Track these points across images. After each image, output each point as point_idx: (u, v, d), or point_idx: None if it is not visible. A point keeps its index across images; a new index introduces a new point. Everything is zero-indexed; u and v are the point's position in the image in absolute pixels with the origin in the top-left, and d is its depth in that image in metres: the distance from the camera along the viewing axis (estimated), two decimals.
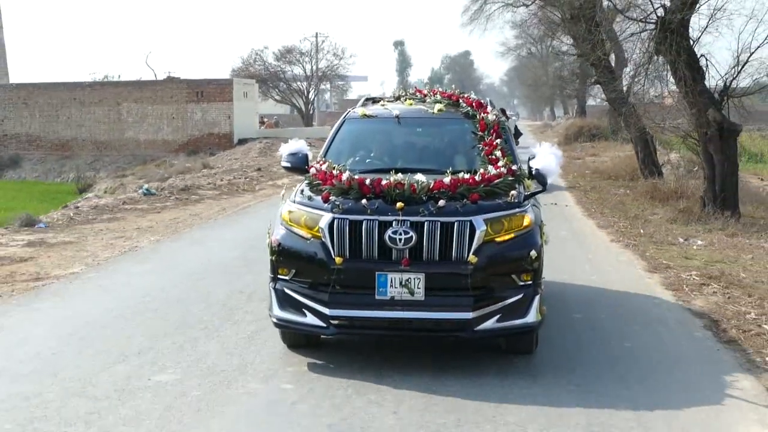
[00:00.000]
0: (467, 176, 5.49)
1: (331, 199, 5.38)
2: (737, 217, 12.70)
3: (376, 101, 7.43)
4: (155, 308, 7.23)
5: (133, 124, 37.14)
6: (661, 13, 13.06)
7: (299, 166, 6.13)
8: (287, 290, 5.38)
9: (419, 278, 5.09)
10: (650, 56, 13.75)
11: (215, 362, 5.61)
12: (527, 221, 5.37)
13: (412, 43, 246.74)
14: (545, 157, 5.84)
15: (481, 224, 5.17)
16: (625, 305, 7.41)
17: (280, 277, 5.44)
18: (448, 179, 5.39)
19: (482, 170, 5.62)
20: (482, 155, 6.02)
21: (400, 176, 5.43)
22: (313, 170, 5.88)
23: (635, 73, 15.76)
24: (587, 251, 10.43)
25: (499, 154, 5.92)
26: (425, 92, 7.28)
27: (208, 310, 7.08)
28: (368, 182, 5.38)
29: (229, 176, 22.01)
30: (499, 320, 5.17)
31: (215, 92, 36.12)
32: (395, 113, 6.69)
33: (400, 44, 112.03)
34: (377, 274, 5.11)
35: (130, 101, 37.21)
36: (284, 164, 6.28)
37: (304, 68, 50.48)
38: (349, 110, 7.17)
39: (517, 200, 5.47)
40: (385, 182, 5.36)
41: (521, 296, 5.22)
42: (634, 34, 15.61)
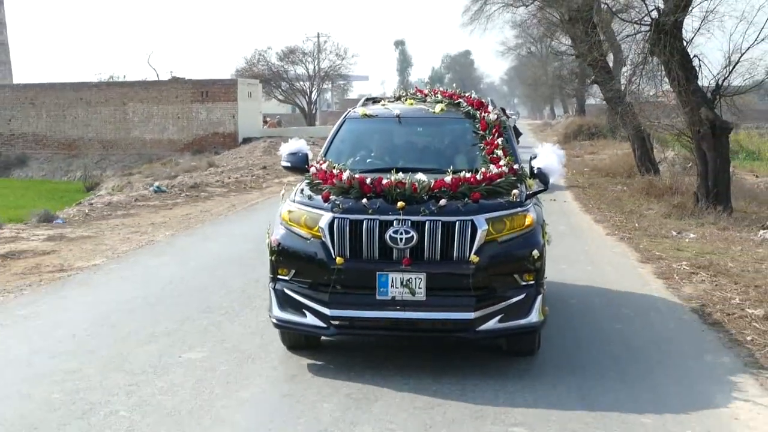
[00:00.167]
0: (468, 175, 5.43)
1: (331, 198, 5.33)
2: (729, 211, 13.10)
3: (376, 101, 7.39)
4: (177, 295, 7.72)
5: (138, 123, 37.56)
6: (655, 15, 13.48)
7: (299, 165, 6.11)
8: (287, 290, 5.33)
9: (420, 278, 5.04)
10: (645, 57, 14.15)
11: (239, 342, 6.08)
12: (529, 220, 5.33)
13: (412, 42, 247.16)
14: (547, 156, 5.81)
15: (482, 223, 5.12)
16: (617, 291, 7.86)
17: (279, 277, 5.39)
18: (449, 178, 5.35)
19: (484, 169, 5.58)
20: (483, 154, 5.97)
21: (400, 175, 5.38)
22: (313, 169, 5.84)
23: (632, 73, 16.14)
24: (584, 244, 10.89)
25: (500, 153, 5.88)
26: (426, 92, 7.23)
27: (227, 297, 7.54)
28: (369, 181, 5.34)
29: (236, 174, 22.43)
30: (501, 320, 5.13)
31: (220, 92, 36.48)
32: (396, 113, 6.66)
33: (400, 44, 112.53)
34: (378, 274, 5.06)
35: (135, 101, 37.62)
36: (284, 164, 6.25)
37: (306, 68, 50.93)
38: (349, 110, 7.14)
39: (519, 199, 5.41)
40: (385, 181, 5.31)
41: (523, 296, 5.17)
42: (629, 35, 16.08)
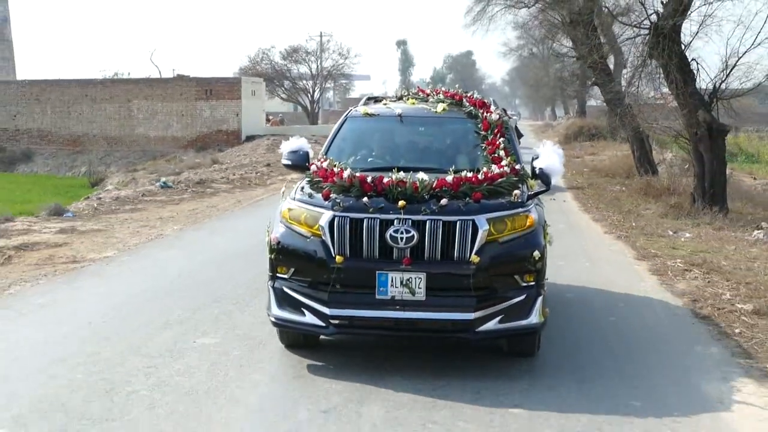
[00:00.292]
0: (470, 175, 5.42)
1: (331, 196, 5.31)
2: (725, 212, 13.36)
3: (378, 100, 7.34)
4: (188, 286, 8.00)
5: (143, 120, 37.84)
6: (654, 19, 13.73)
7: (300, 163, 6.05)
8: (286, 289, 5.31)
9: (420, 278, 5.02)
10: (644, 60, 14.43)
11: (249, 330, 6.35)
12: (530, 221, 5.31)
13: (414, 42, 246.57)
14: (549, 156, 5.76)
15: (483, 223, 5.10)
16: (613, 287, 8.13)
17: (279, 275, 5.37)
18: (450, 178, 5.33)
19: (485, 169, 5.56)
20: (485, 154, 5.95)
21: (402, 174, 5.35)
22: (313, 168, 5.82)
23: (632, 75, 16.42)
24: (582, 241, 11.17)
25: (502, 153, 5.87)
26: (428, 92, 7.23)
27: (236, 288, 7.82)
28: (370, 180, 5.31)
29: (240, 171, 22.72)
30: (501, 321, 5.10)
31: (224, 90, 36.74)
32: (398, 112, 6.64)
33: (402, 44, 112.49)
34: (378, 273, 5.04)
35: (140, 98, 37.91)
36: (284, 162, 6.19)
37: (309, 67, 51.20)
38: (350, 108, 7.09)
39: (520, 200, 5.39)
40: (386, 180, 5.29)
41: (524, 297, 5.15)
42: (629, 38, 16.35)
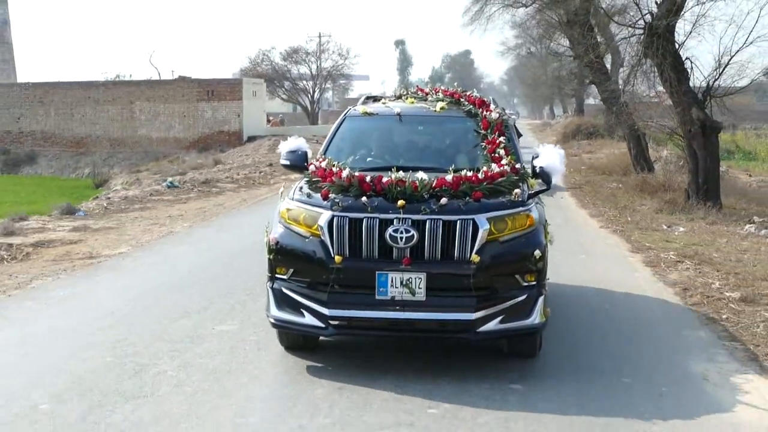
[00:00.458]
0: (470, 174, 5.36)
1: (330, 196, 5.26)
2: (718, 207, 13.76)
3: (377, 100, 7.31)
4: (203, 279, 8.38)
5: (145, 122, 38.30)
6: (648, 19, 14.13)
7: (298, 163, 5.99)
8: (285, 290, 5.28)
9: (420, 278, 4.97)
10: (639, 59, 14.80)
11: (264, 317, 6.56)
12: (531, 220, 5.26)
13: (413, 42, 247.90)
14: (550, 155, 5.75)
15: (484, 223, 5.05)
16: (607, 277, 8.52)
17: (277, 276, 5.35)
18: (450, 177, 5.27)
19: (485, 168, 5.52)
20: (485, 153, 5.91)
21: (401, 174, 5.30)
22: (312, 167, 5.77)
23: (628, 74, 16.79)
24: (579, 235, 11.55)
25: (502, 152, 5.83)
26: (427, 91, 7.19)
27: (249, 280, 8.17)
28: (369, 179, 5.26)
29: (244, 171, 23.11)
30: (502, 321, 5.04)
31: (225, 91, 37.22)
32: (397, 111, 6.60)
33: (401, 43, 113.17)
34: (377, 273, 4.99)
35: (142, 100, 38.38)
36: (283, 162, 6.14)
37: (309, 68, 51.61)
38: (349, 108, 7.06)
39: (521, 199, 5.33)
40: (386, 180, 5.23)
41: (525, 297, 5.09)
42: (624, 38, 16.73)
